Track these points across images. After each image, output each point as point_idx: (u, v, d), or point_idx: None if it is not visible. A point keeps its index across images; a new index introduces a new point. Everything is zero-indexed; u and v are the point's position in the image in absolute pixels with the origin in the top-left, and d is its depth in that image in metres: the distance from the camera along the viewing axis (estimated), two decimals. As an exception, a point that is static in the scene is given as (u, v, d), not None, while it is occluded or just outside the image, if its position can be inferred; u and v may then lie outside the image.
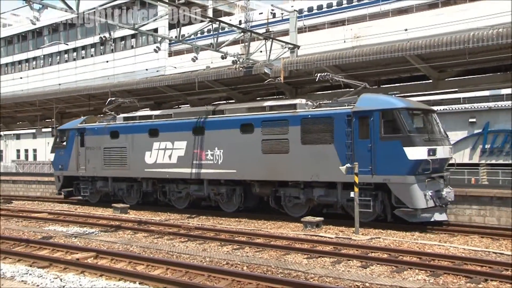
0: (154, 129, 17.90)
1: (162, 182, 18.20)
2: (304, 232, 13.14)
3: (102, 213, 17.80)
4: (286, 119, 14.75)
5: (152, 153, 17.83)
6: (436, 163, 13.15)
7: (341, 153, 13.63)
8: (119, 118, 19.68)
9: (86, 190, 20.59)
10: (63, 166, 21.00)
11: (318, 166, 14.12)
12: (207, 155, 16.38)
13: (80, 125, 20.51)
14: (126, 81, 24.06)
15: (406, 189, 12.74)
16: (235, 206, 16.64)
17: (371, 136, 13.14)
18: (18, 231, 13.78)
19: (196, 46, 17.11)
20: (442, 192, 13.34)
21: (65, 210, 18.76)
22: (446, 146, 13.85)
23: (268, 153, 15.12)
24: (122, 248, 11.27)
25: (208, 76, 19.61)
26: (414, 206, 12.78)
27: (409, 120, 13.06)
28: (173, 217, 16.36)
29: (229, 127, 15.96)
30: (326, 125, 13.96)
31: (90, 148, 19.91)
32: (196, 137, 16.65)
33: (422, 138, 12.94)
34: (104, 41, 15.90)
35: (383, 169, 12.96)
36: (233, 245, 11.43)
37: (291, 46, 19.64)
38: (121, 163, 18.93)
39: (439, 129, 14.06)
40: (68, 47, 49.80)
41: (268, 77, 18.12)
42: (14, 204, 21.47)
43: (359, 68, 17.07)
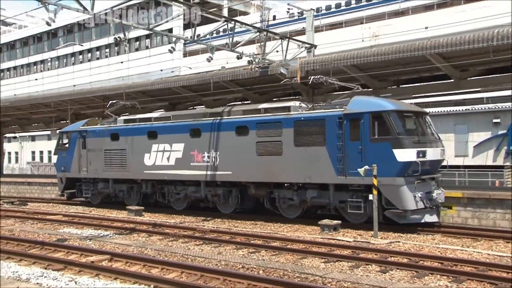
0: (153, 131, 18.47)
1: (161, 183, 18.71)
2: (321, 235, 13.08)
3: (117, 215, 17.97)
4: (280, 122, 15.15)
5: (151, 155, 18.43)
6: (426, 165, 13.43)
7: (332, 155, 14.03)
8: (119, 121, 20.27)
9: (88, 191, 21.23)
10: (65, 168, 21.70)
11: (310, 168, 14.50)
12: (204, 157, 16.89)
13: (82, 127, 21.19)
14: (141, 82, 24.30)
15: (395, 191, 13.05)
16: (232, 208, 17.05)
17: (362, 138, 13.50)
18: (33, 233, 14.00)
19: (211, 46, 17.19)
20: (432, 194, 13.56)
21: (79, 212, 19.00)
22: (438, 148, 14.12)
23: (262, 155, 15.53)
24: (137, 251, 11.36)
25: (223, 77, 19.69)
26: (404, 208, 13.06)
27: (399, 122, 13.36)
28: (188, 220, 16.44)
29: (225, 129, 16.45)
30: (318, 127, 14.37)
31: (91, 150, 20.56)
32: (193, 139, 17.19)
33: (411, 140, 13.22)
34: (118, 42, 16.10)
35: None
36: (249, 248, 11.44)
37: (307, 46, 19.61)
38: (121, 165, 19.55)
39: (431, 131, 14.36)
40: (82, 48, 50.44)
41: (284, 78, 18.11)
42: (29, 206, 21.81)
43: (378, 68, 16.97)
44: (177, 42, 16.57)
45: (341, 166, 13.86)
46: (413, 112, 14.26)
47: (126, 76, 44.93)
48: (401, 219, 13.33)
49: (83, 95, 24.98)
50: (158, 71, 43.28)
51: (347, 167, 13.76)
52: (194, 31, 16.04)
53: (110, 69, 49.03)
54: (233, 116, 16.54)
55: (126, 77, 44.20)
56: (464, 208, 14.65)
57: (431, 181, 13.90)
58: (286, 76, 18.05)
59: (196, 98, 22.56)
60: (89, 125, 21.30)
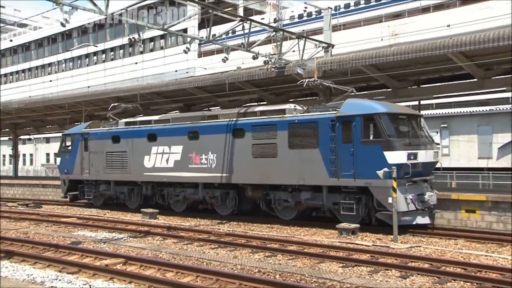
0: (153, 133, 19.15)
1: (160, 185, 19.33)
2: (339, 239, 13.02)
3: (131, 218, 18.13)
4: (275, 124, 15.65)
5: (150, 157, 19.11)
6: (418, 167, 13.82)
7: (325, 157, 14.47)
8: (121, 123, 21.01)
9: (90, 193, 22.02)
10: (68, 170, 22.51)
11: (304, 170, 14.96)
12: (202, 159, 17.50)
13: (84, 130, 22.01)
14: (155, 83, 24.48)
15: (386, 193, 13.31)
16: (230, 209, 17.55)
17: (354, 141, 13.93)
18: (47, 236, 14.20)
19: (226, 46, 17.24)
20: (424, 196, 13.92)
21: (94, 215, 19.21)
22: (430, 151, 14.45)
23: (258, 157, 16.04)
24: (151, 254, 11.44)
25: (239, 77, 19.72)
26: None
27: (390, 124, 13.72)
28: (203, 223, 16.51)
29: (222, 131, 16.99)
30: (311, 129, 14.83)
31: (93, 153, 21.34)
32: (191, 142, 17.82)
33: (402, 143, 13.58)
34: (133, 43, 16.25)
35: (365, 173, 13.69)
36: (265, 252, 11.44)
37: (325, 45, 19.55)
38: (122, 167, 20.28)
39: (424, 133, 14.72)
40: (97, 49, 51.01)
41: (301, 78, 18.06)
42: (43, 208, 22.12)
43: (397, 67, 16.83)
44: (192, 42, 16.65)
45: (333, 168, 14.28)
46: (406, 114, 14.57)
47: (141, 77, 45.33)
48: (391, 221, 13.43)
49: (97, 97, 25.25)
50: (172, 72, 43.56)
51: (340, 169, 14.17)
52: (209, 31, 16.11)
53: (124, 70, 49.50)
54: (229, 119, 17.03)
55: (140, 78, 44.60)
56: (489, 212, 14.44)
57: (423, 183, 14.23)
58: (303, 77, 18.00)
59: (211, 99, 22.64)
60: (91, 127, 22.02)
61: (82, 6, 13.49)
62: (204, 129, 17.57)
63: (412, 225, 13.82)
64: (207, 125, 17.55)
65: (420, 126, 14.83)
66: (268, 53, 18.63)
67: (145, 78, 43.43)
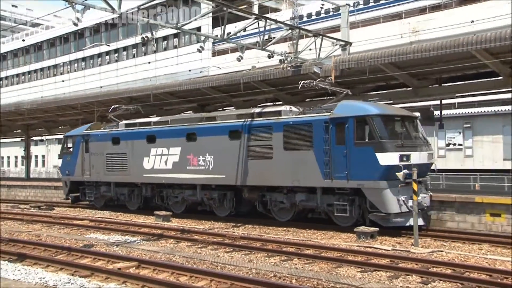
0: (152, 135, 19.88)
1: (160, 187, 20.01)
2: (357, 243, 12.96)
3: (144, 221, 18.26)
4: (270, 126, 16.22)
5: (149, 159, 19.80)
6: (411, 169, 13.86)
7: (319, 159, 14.98)
8: (121, 125, 21.73)
9: (91, 195, 22.80)
10: (69, 171, 23.35)
11: (299, 171, 15.48)
12: (199, 161, 18.13)
13: (85, 132, 22.85)
14: (169, 83, 24.64)
15: (378, 194, 13.87)
16: (227, 211, 18.13)
17: (347, 142, 14.41)
18: (60, 239, 14.37)
19: (241, 45, 17.27)
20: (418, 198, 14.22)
21: (106, 217, 19.39)
22: (424, 152, 14.82)
23: (254, 158, 16.62)
24: (165, 257, 11.51)
25: (254, 77, 19.76)
26: (387, 211, 13.85)
27: (382, 126, 14.16)
28: (217, 226, 16.56)
29: (219, 133, 17.60)
30: (306, 131, 15.35)
31: (94, 154, 22.13)
32: (189, 143, 18.47)
33: (394, 144, 13.99)
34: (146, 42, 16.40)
35: (357, 175, 14.19)
36: (281, 256, 11.44)
37: (342, 43, 19.48)
38: (122, 168, 21.02)
39: (419, 135, 15.13)
40: (109, 48, 51.47)
41: (318, 77, 18.03)
42: (56, 210, 22.40)
43: (418, 66, 16.70)
44: (206, 41, 16.73)
45: (327, 169, 14.77)
46: (399, 116, 15.00)
47: (154, 77, 45.65)
48: (385, 222, 14.09)
49: (110, 97, 25.48)
50: (186, 71, 43.79)
51: (333, 170, 14.65)
52: (224, 29, 16.16)
53: (137, 69, 49.89)
54: (226, 120, 17.71)
55: (153, 78, 44.92)
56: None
57: None
58: (319, 76, 17.96)
59: (225, 99, 22.71)
60: (92, 129, 22.82)
61: (94, 5, 13.65)
62: (201, 130, 18.21)
63: (406, 227, 14.11)
64: (204, 127, 18.20)
65: (416, 128, 15.26)
66: (284, 52, 18.63)
67: (158, 78, 43.72)
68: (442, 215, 15.35)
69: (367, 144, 14.12)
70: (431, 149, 15.59)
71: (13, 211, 22.12)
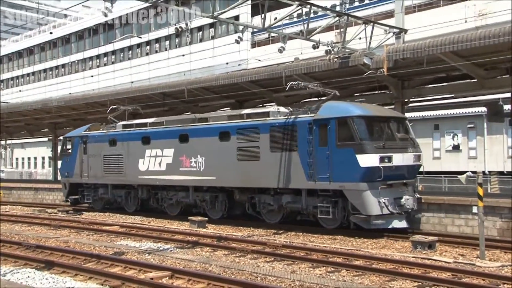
0: (147, 136, 21.46)
1: (155, 189, 21.63)
2: (414, 254, 12.78)
3: (178, 227, 18.55)
4: (257, 127, 17.62)
5: (144, 161, 21.32)
6: (393, 170, 15.32)
7: (303, 160, 16.26)
8: (118, 126, 23.29)
9: (89, 197, 24.47)
10: (69, 173, 25.05)
11: (284, 173, 16.72)
12: (191, 162, 19.54)
13: (83, 133, 24.50)
14: (204, 77, 24.87)
15: (359, 196, 15.13)
16: (220, 213, 19.51)
17: (329, 144, 15.71)
18: (89, 245, 14.78)
19: (283, 35, 17.29)
20: (401, 200, 15.43)
21: (137, 223, 19.79)
22: (409, 153, 15.96)
23: (242, 160, 18.04)
24: (200, 267, 11.65)
25: (297, 70, 19.72)
26: (367, 213, 15.08)
27: (363, 127, 15.40)
28: (257, 233, 16.65)
29: (209, 134, 19.06)
30: (291, 133, 16.66)
31: (92, 156, 23.76)
32: (182, 145, 19.95)
33: (374, 146, 15.19)
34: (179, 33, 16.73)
35: (339, 176, 15.47)
36: (327, 267, 11.40)
37: (396, 31, 19.18)
38: (118, 170, 22.65)
39: (405, 136, 16.36)
40: (140, 40, 52.31)
41: (368, 69, 17.84)
42: (84, 215, 23.02)
43: (485, 54, 16.24)
44: (245, 31, 16.85)
45: (311, 171, 16.02)
46: (383, 117, 16.35)
47: (188, 71, 46.18)
48: (366, 224, 15.36)
49: (141, 93, 25.92)
50: (223, 64, 44.10)
51: (316, 172, 15.91)
52: (264, 17, 16.22)
53: (170, 63, 50.57)
54: (217, 122, 19.22)
55: (187, 72, 45.44)
56: None
57: (401, 187, 15.76)
58: (370, 68, 17.76)
59: (266, 94, 22.77)
60: (91, 130, 24.46)
61: (124, -6, 13.95)
62: (193, 132, 19.68)
63: (388, 229, 15.30)
64: (196, 128, 19.69)
65: (405, 129, 16.56)
66: (330, 42, 18.50)
67: (193, 72, 44.21)
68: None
69: (348, 145, 15.33)
70: (419, 150, 16.58)
71: (40, 215, 22.86)
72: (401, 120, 16.73)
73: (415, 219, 16.16)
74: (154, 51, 53.60)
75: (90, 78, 59.09)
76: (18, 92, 68.24)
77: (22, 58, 70.98)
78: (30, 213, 24.12)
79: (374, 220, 15.09)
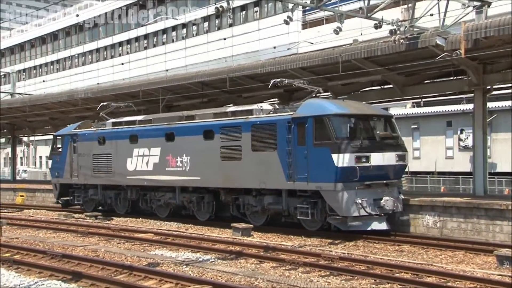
0: (134, 135, 23.23)
1: (144, 190, 23.35)
2: (499, 270, 12.44)
3: (219, 234, 18.68)
4: (239, 126, 19.22)
5: (132, 160, 23.05)
6: (371, 170, 16.81)
7: (283, 160, 17.77)
8: (108, 124, 25.11)
9: (79, 198, 26.25)
10: (59, 173, 26.85)
11: (265, 173, 18.37)
12: (177, 162, 21.26)
13: (73, 131, 26.34)
14: (248, 64, 24.88)
15: (335, 196, 16.61)
16: (207, 215, 21.27)
17: (307, 143, 17.18)
18: (120, 255, 15.04)
19: (339, 13, 17.13)
20: (380, 201, 16.78)
21: (173, 230, 20.05)
22: (391, 153, 17.44)
23: (225, 160, 19.71)
24: (245, 281, 11.67)
25: (356, 54, 19.48)
26: (343, 214, 16.57)
27: (340, 126, 16.99)
28: (309, 243, 16.63)
29: (194, 133, 20.71)
30: (270, 131, 18.29)
31: (81, 155, 25.53)
32: (168, 144, 21.71)
33: (350, 145, 16.61)
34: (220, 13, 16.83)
35: (316, 176, 16.93)
36: (392, 284, 11.26)
37: (477, 4, 18.67)
38: (107, 170, 24.42)
39: (389, 135, 17.87)
40: (176, 22, 52.64)
41: (441, 51, 17.44)
42: (114, 221, 23.47)
43: None
44: (295, 9, 16.78)
45: (290, 171, 17.53)
46: (363, 115, 17.74)
47: (229, 57, 46.36)
48: (343, 226, 16.83)
49: (177, 82, 26.17)
50: (270, 49, 44.08)
51: (295, 172, 17.41)
52: (317, -7, 16.10)
53: (209, 48, 50.81)
54: (201, 120, 20.90)
55: (229, 58, 45.63)
56: None
57: (381, 188, 17.13)
58: (444, 49, 17.37)
59: (319, 83, 22.59)
60: (81, 128, 26.24)
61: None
62: (179, 130, 21.39)
63: (367, 231, 16.77)
64: (181, 126, 21.42)
65: (391, 128, 18.07)
66: (396, 20, 18.18)
67: (235, 58, 44.34)
68: None
69: (324, 144, 16.79)
70: (403, 150, 18.03)
71: (67, 221, 23.46)
72: (386, 119, 18.32)
73: (400, 221, 17.74)
74: (192, 34, 53.95)
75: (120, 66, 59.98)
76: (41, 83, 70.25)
77: (45, 44, 72.90)
78: (56, 218, 24.80)
79: (350, 222, 16.59)
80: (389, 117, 18.61)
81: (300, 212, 17.54)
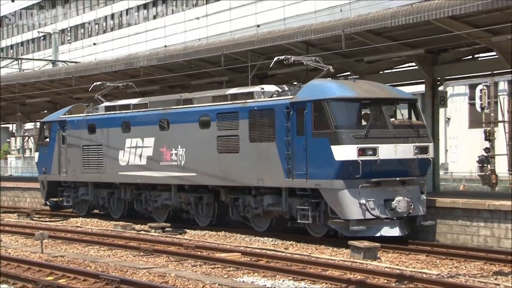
0: (126, 122, 25.12)
1: (139, 188, 25.13)
2: None
3: (332, 255, 18.53)
4: (237, 112, 20.81)
5: (124, 152, 24.97)
6: (380, 165, 18.16)
7: (281, 152, 19.35)
8: (101, 108, 26.89)
9: (69, 198, 28.15)
10: (46, 168, 28.70)
11: (263, 168, 19.98)
12: (172, 155, 23.14)
13: (62, 117, 28.23)
14: (372, 15, 24.25)
15: (335, 196, 18.03)
16: (207, 219, 23.05)
17: (306, 133, 18.63)
18: (196, 282, 15.04)
19: None
20: (393, 202, 18.13)
21: (268, 248, 20.00)
22: (407, 144, 18.63)
23: (222, 152, 21.52)
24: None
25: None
26: (345, 216, 18.00)
27: (341, 112, 18.29)
28: (464, 270, 16.28)
29: (189, 120, 22.51)
30: (268, 118, 19.84)
31: (71, 146, 27.36)
32: (162, 133, 23.69)
33: (352, 135, 17.87)
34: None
35: (315, 172, 18.47)
36: None
37: None
38: (98, 164, 26.32)
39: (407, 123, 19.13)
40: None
41: None
42: (188, 235, 23.67)
43: None
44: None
45: (289, 166, 19.09)
46: (371, 99, 18.96)
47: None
48: (345, 231, 18.27)
49: (273, 43, 25.86)
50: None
51: (294, 167, 18.95)
52: None
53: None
54: (198, 104, 22.60)
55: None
56: None
57: (395, 186, 18.47)
58: None
59: (480, 37, 21.71)
60: (73, 113, 28.10)
61: None
62: (174, 116, 23.18)
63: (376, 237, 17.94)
64: (176, 112, 23.20)
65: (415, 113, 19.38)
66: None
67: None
68: None
69: (322, 134, 18.25)
70: (426, 140, 19.35)
71: (125, 233, 23.91)
72: (406, 103, 19.71)
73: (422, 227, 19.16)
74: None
75: (194, 21, 60.34)
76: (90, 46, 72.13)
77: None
78: (111, 229, 25.28)
79: (352, 226, 17.93)
80: (412, 101, 19.95)
81: (302, 215, 19.10)
